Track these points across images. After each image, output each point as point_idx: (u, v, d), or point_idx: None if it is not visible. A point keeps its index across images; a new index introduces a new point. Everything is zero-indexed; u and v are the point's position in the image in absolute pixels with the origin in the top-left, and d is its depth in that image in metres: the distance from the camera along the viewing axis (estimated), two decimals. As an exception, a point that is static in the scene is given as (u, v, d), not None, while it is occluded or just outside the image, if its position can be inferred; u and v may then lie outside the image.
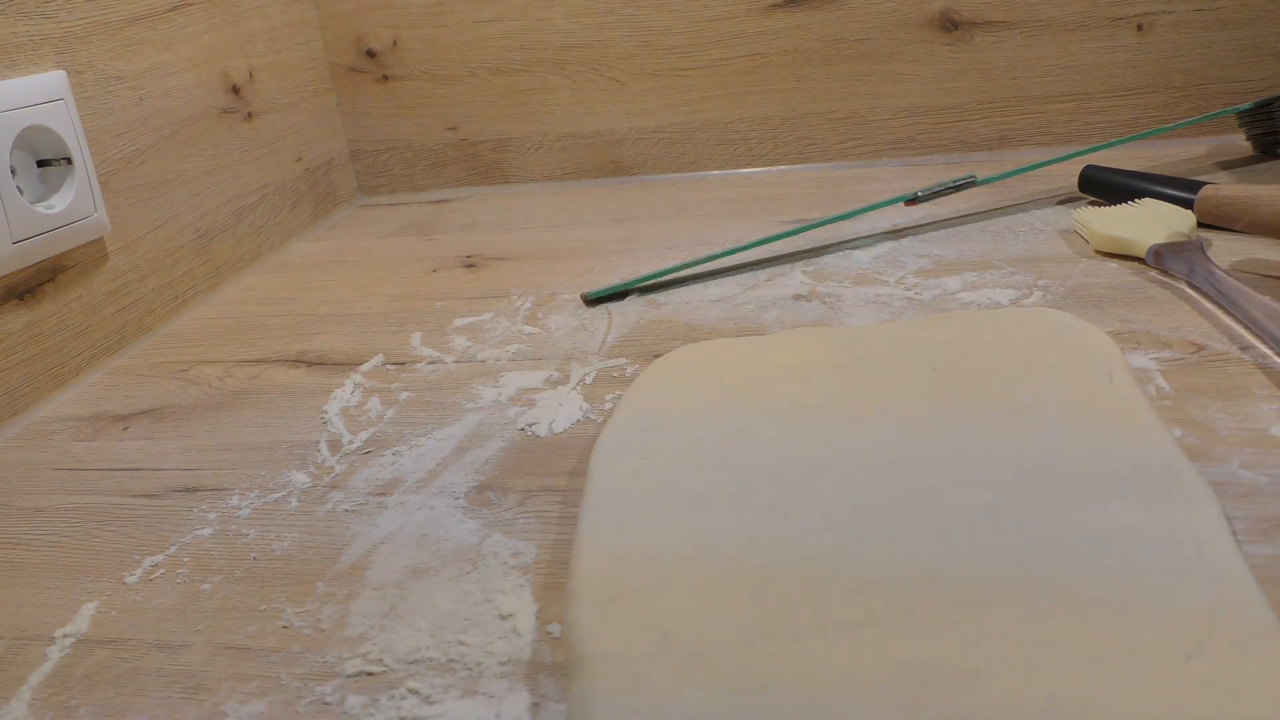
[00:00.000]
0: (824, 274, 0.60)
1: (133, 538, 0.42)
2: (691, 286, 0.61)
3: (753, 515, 0.34)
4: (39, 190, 0.58)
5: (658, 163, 0.89)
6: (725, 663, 0.27)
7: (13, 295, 0.56)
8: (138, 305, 0.66)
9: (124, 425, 0.53)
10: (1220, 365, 0.43)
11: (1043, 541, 0.30)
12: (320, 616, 0.35)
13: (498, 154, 0.92)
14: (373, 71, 0.92)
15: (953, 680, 0.26)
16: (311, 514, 0.42)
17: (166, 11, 0.70)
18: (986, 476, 0.34)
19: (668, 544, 0.33)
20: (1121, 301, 0.51)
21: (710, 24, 0.84)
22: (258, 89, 0.81)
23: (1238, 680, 0.25)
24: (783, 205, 0.76)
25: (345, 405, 0.51)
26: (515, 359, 0.54)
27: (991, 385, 0.40)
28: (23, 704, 0.33)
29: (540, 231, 0.78)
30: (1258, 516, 0.33)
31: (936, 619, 0.28)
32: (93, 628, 0.36)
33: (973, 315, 0.48)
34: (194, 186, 0.72)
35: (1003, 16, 0.79)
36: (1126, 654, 0.26)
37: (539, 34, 0.87)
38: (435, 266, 0.72)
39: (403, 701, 0.30)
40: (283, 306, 0.68)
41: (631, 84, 0.87)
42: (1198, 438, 0.38)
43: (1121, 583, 0.28)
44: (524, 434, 0.46)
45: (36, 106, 0.57)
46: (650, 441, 0.40)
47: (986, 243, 0.61)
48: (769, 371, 0.44)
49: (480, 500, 0.41)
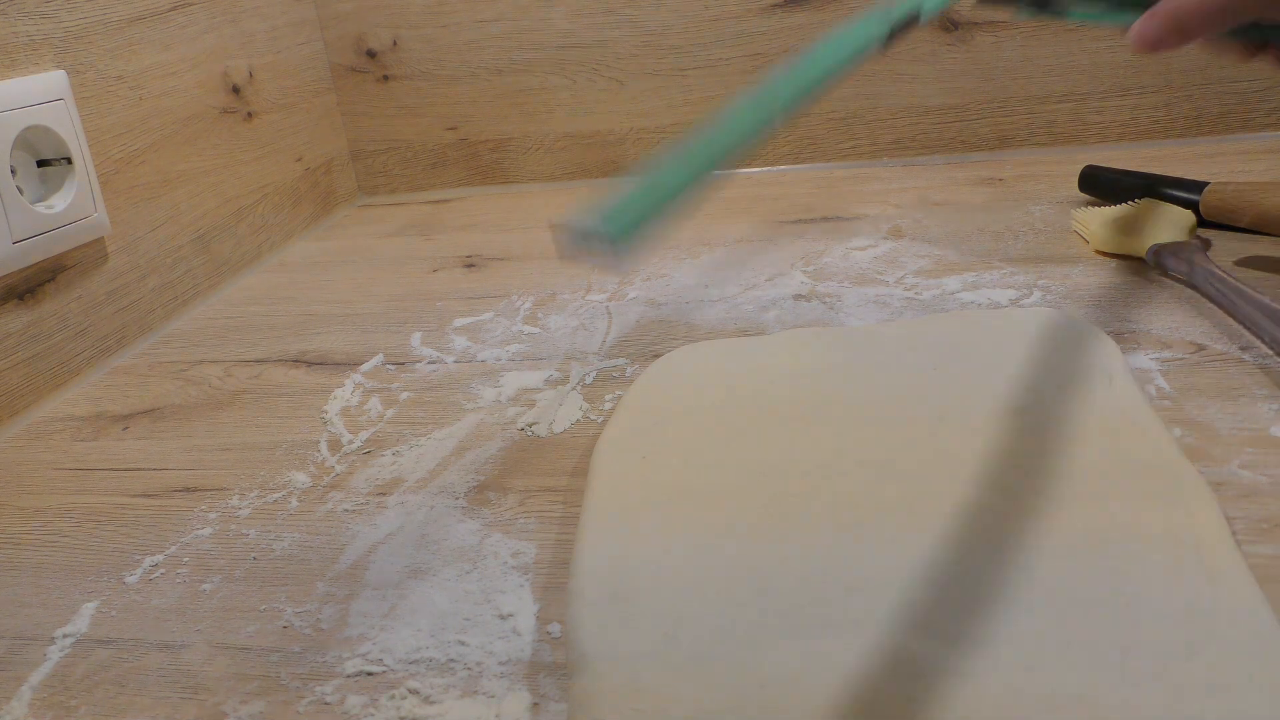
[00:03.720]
0: (824, 274, 0.60)
1: (133, 538, 0.42)
2: (691, 286, 0.61)
3: (753, 515, 0.34)
4: (39, 190, 0.58)
5: (658, 163, 0.89)
6: (725, 663, 0.28)
7: (13, 295, 0.56)
8: (138, 305, 0.66)
9: (124, 425, 0.53)
10: (1220, 365, 0.43)
11: (1043, 541, 0.30)
12: (320, 616, 0.35)
13: (498, 154, 0.92)
14: (373, 71, 0.92)
15: (953, 680, 0.26)
16: (311, 514, 0.42)
17: (166, 11, 0.70)
18: (986, 476, 0.34)
19: (668, 544, 0.33)
20: (1121, 301, 0.51)
21: (710, 24, 0.84)
22: (258, 89, 0.81)
23: (1238, 680, 0.25)
24: (783, 205, 0.76)
25: (345, 405, 0.51)
26: (515, 359, 0.54)
27: (991, 385, 0.40)
28: (23, 704, 0.33)
29: (540, 231, 0.78)
30: (1258, 516, 0.33)
31: (936, 619, 0.28)
32: (93, 627, 0.36)
33: (973, 315, 0.48)
34: (194, 186, 0.72)
35: (1003, 16, 0.79)
36: (1126, 654, 0.26)
37: (539, 34, 0.87)
38: (435, 266, 0.72)
39: (403, 701, 0.30)
40: (283, 306, 0.68)
41: (631, 84, 0.87)
42: (1198, 438, 0.38)
43: (1121, 583, 0.28)
44: (524, 434, 0.46)
45: (36, 106, 0.57)
46: (650, 441, 0.40)
47: (986, 243, 0.61)
48: (769, 371, 0.44)
49: (480, 500, 0.41)
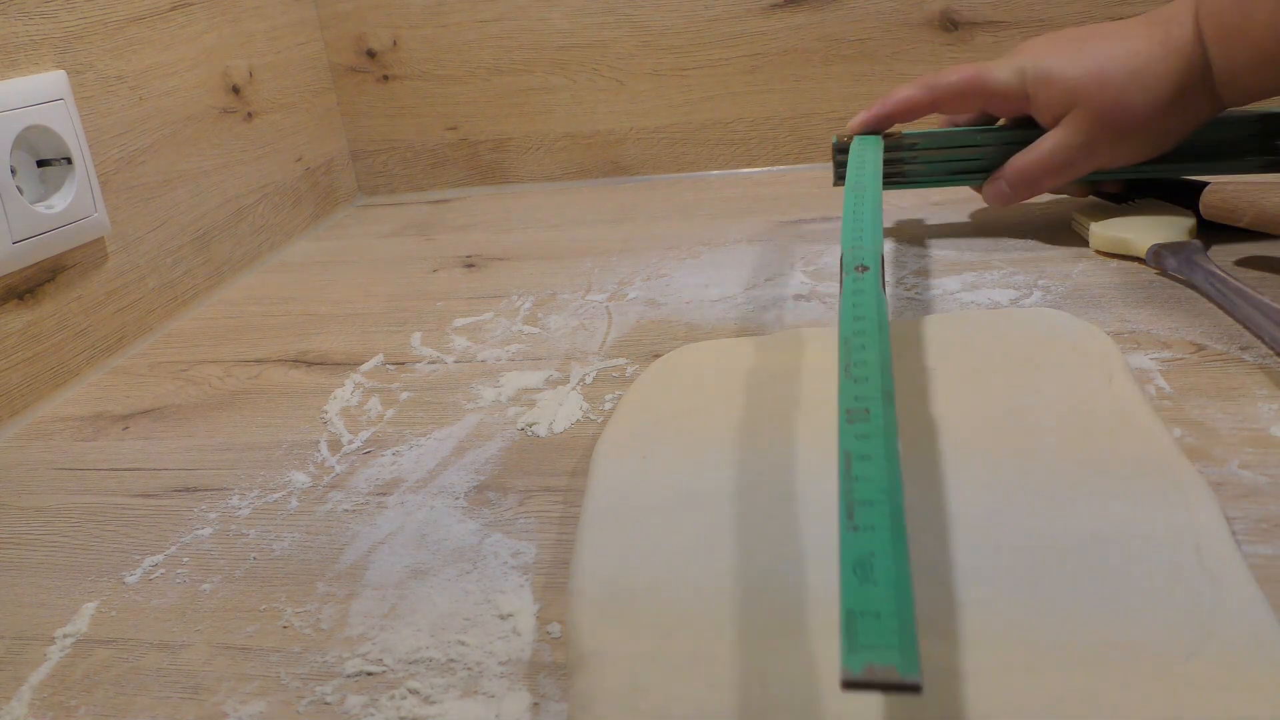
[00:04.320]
0: (824, 274, 0.60)
1: (133, 538, 0.42)
2: (691, 287, 0.61)
3: (753, 515, 0.34)
4: (39, 190, 0.58)
5: (658, 163, 0.89)
6: (725, 662, 0.27)
7: (13, 295, 0.56)
8: (138, 305, 0.66)
9: (124, 425, 0.53)
10: (1220, 365, 0.43)
11: (1043, 541, 0.30)
12: (320, 616, 0.35)
13: (498, 154, 0.92)
14: (373, 71, 0.92)
15: (953, 680, 0.26)
16: (311, 514, 0.42)
17: (166, 11, 0.70)
18: (986, 476, 0.34)
19: (668, 544, 0.33)
20: (1121, 301, 0.51)
21: (710, 24, 0.84)
22: (258, 89, 0.81)
23: (1238, 680, 0.25)
24: (783, 205, 0.76)
25: (345, 405, 0.51)
26: (515, 359, 0.54)
27: (991, 385, 0.40)
28: (23, 704, 0.33)
29: (540, 231, 0.78)
30: (1258, 516, 0.33)
31: (936, 619, 0.28)
32: (93, 628, 0.36)
33: (973, 315, 0.48)
34: (194, 186, 0.72)
35: (1003, 16, 0.79)
36: (1126, 654, 0.26)
37: (539, 34, 0.87)
38: (435, 266, 0.72)
39: (403, 701, 0.30)
40: (283, 306, 0.68)
41: (631, 84, 0.87)
42: (1198, 438, 0.38)
43: (1121, 583, 0.28)
44: (524, 434, 0.46)
45: (36, 106, 0.57)
46: (650, 441, 0.40)
47: (986, 243, 0.61)
48: (769, 371, 0.44)
49: (480, 500, 0.41)
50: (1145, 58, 0.52)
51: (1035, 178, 0.58)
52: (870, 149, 0.58)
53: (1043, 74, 0.55)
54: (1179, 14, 0.52)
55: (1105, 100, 0.53)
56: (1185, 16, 0.52)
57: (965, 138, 0.61)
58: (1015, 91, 0.56)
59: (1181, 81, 0.52)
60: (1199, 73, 0.52)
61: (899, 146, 0.62)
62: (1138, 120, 0.53)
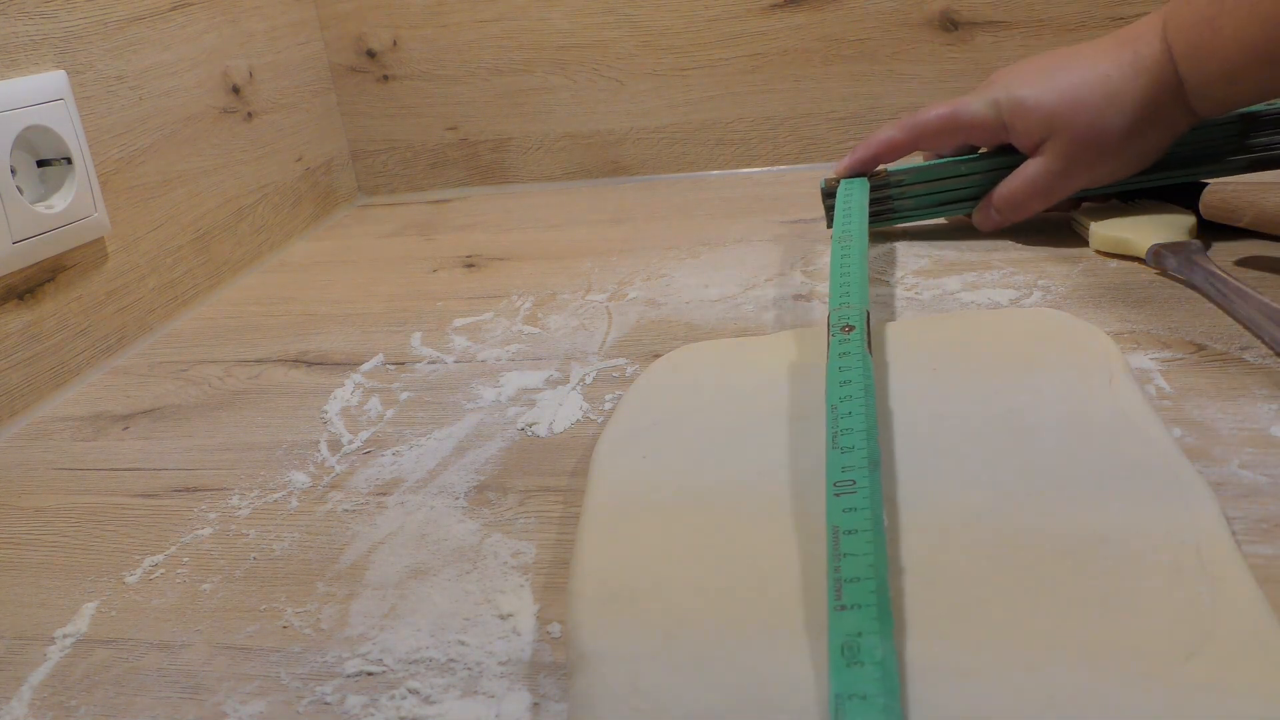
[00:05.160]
0: (824, 274, 0.60)
1: (133, 538, 0.42)
2: (691, 287, 0.61)
3: (753, 515, 0.34)
4: (39, 190, 0.58)
5: (658, 163, 0.89)
6: (725, 663, 0.27)
7: (13, 295, 0.56)
8: (138, 305, 0.66)
9: (124, 425, 0.53)
10: (1220, 365, 0.43)
11: (1042, 541, 0.30)
12: (320, 616, 0.35)
13: (498, 154, 0.92)
14: (373, 71, 0.92)
15: (953, 680, 0.26)
16: (311, 514, 0.42)
17: (166, 11, 0.70)
18: (986, 476, 0.34)
19: (668, 544, 0.33)
20: (1121, 301, 0.51)
21: (710, 24, 0.84)
22: (258, 89, 0.81)
23: (1238, 680, 0.25)
24: (783, 205, 0.76)
25: (345, 405, 0.51)
26: (515, 359, 0.54)
27: (991, 385, 0.40)
28: (23, 704, 0.33)
29: (540, 231, 0.78)
30: (1258, 516, 0.33)
31: (936, 619, 0.28)
32: (93, 628, 0.36)
33: (973, 315, 0.48)
34: (194, 186, 0.72)
35: (1003, 16, 0.79)
36: (1126, 654, 0.26)
37: (539, 34, 0.87)
38: (435, 266, 0.72)
39: (403, 701, 0.30)
40: (283, 306, 0.68)
41: (631, 84, 0.87)
42: (1198, 438, 0.38)
43: (1121, 583, 0.28)
44: (524, 434, 0.46)
45: (36, 106, 0.57)
46: (650, 441, 0.39)
47: (987, 243, 0.61)
48: (769, 371, 0.44)
49: (480, 500, 0.41)
50: (1117, 80, 0.53)
51: (1022, 203, 0.59)
52: (857, 192, 0.59)
53: (1016, 104, 0.56)
54: (1146, 33, 0.53)
55: (1080, 125, 0.54)
56: (1152, 35, 0.52)
57: (950, 169, 0.62)
58: (992, 123, 0.58)
59: (1154, 99, 0.53)
60: (1170, 89, 0.52)
61: (886, 184, 0.63)
62: (1114, 141, 0.54)
